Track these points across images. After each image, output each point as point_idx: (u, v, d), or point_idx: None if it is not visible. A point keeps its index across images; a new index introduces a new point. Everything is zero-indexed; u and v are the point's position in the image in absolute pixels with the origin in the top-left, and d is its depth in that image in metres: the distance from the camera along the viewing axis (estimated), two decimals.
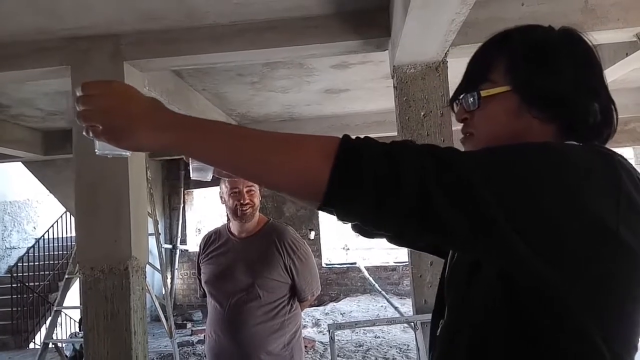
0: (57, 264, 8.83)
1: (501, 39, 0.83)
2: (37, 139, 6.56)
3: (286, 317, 2.16)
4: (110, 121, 0.70)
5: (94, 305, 3.11)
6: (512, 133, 0.77)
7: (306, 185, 0.67)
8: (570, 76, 0.75)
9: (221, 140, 0.71)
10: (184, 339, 7.06)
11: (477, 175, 0.62)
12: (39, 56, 3.26)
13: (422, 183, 0.62)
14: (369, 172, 0.63)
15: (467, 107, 0.82)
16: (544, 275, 0.63)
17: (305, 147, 0.68)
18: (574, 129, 0.75)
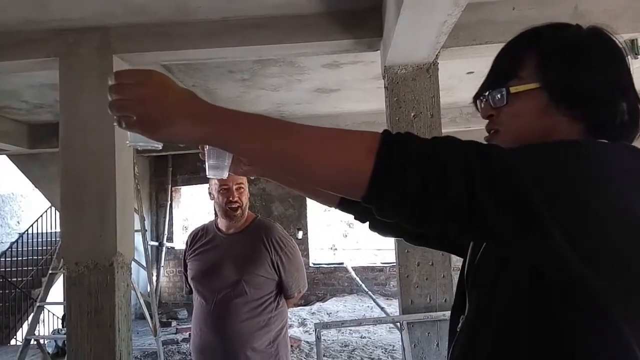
0: (40, 259, 8.71)
1: (531, 36, 0.82)
2: (23, 132, 6.46)
3: (272, 313, 2.16)
4: (147, 111, 0.68)
5: (78, 301, 3.08)
6: (540, 131, 0.76)
7: (349, 181, 0.67)
8: (599, 75, 0.75)
9: (262, 133, 0.70)
10: (168, 337, 7.00)
11: (525, 176, 0.61)
12: (26, 47, 3.22)
13: (469, 183, 0.61)
14: (412, 171, 0.62)
15: (494, 104, 0.81)
16: (585, 276, 0.62)
17: (349, 142, 0.67)
18: (602, 128, 0.75)
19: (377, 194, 0.64)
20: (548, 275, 0.66)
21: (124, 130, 0.72)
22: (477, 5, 3.11)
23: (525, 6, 3.16)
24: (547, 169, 0.63)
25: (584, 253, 0.61)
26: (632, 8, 3.13)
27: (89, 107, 3.14)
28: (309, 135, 0.70)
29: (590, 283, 0.63)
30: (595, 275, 0.62)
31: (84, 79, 3.18)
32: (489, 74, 0.85)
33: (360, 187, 0.64)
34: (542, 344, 0.68)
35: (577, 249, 0.61)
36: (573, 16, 3.17)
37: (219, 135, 0.71)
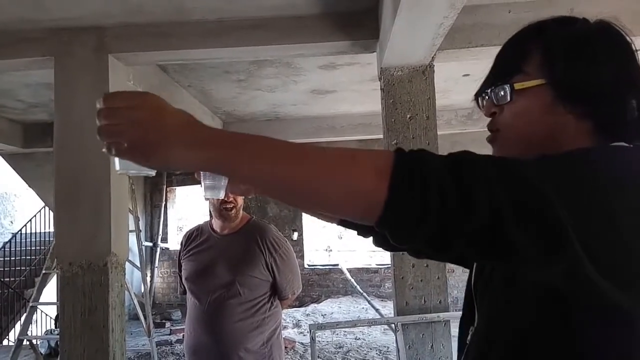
0: (34, 259, 8.66)
1: (536, 30, 0.78)
2: (17, 131, 6.43)
3: (266, 314, 2.15)
4: (141, 136, 0.62)
5: (72, 301, 3.06)
6: (545, 130, 0.73)
7: (359, 207, 0.61)
8: (608, 71, 0.71)
9: (265, 159, 0.64)
10: (162, 338, 6.98)
11: (552, 197, 0.57)
12: (22, 46, 3.21)
13: (494, 206, 0.56)
14: (430, 194, 0.57)
15: (497, 101, 0.77)
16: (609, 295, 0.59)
17: (359, 165, 0.61)
18: (611, 126, 0.71)
19: (392, 220, 0.59)
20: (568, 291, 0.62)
21: (114, 157, 0.66)
22: (473, 8, 3.12)
23: (520, 9, 3.18)
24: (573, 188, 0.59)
25: (612, 277, 0.58)
26: (627, 11, 3.15)
27: (84, 107, 3.13)
28: (316, 160, 0.64)
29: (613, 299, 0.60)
30: (623, 296, 0.59)
31: (79, 79, 3.17)
32: (492, 70, 0.81)
33: (374, 213, 0.59)
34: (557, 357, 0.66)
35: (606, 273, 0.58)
36: None
37: (218, 161, 0.65)
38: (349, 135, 6.99)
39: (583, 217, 0.57)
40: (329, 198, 0.64)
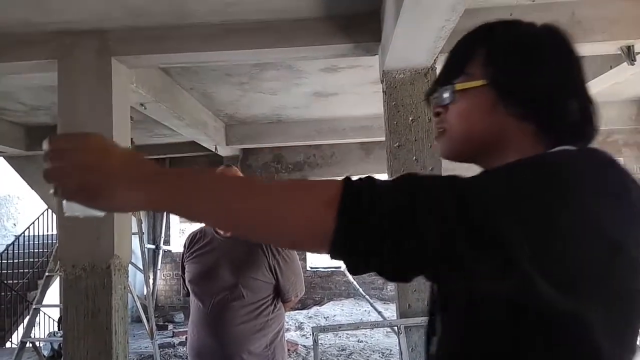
0: (37, 261, 8.68)
1: (482, 32, 0.79)
2: (20, 133, 6.45)
3: (269, 317, 2.16)
4: (86, 179, 0.62)
5: (75, 303, 3.07)
6: (488, 130, 0.74)
7: (311, 239, 0.62)
8: (549, 73, 0.72)
9: (213, 197, 0.64)
10: (165, 341, 6.98)
11: (497, 214, 0.57)
12: (24, 49, 3.22)
13: (441, 229, 0.56)
14: (378, 223, 0.57)
15: (441, 101, 0.78)
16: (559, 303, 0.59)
17: (307, 198, 0.62)
18: (553, 127, 0.72)
19: (341, 250, 0.60)
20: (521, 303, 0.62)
21: (61, 199, 0.64)
22: (474, 11, 3.12)
23: (522, 12, 3.18)
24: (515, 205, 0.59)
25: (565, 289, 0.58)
26: (628, 15, 3.15)
27: (86, 110, 3.14)
28: (265, 195, 0.64)
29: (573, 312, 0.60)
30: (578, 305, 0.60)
31: (82, 82, 3.19)
32: (440, 71, 0.81)
33: (324, 243, 0.59)
34: None
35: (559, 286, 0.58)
36: (570, 22, 3.19)
37: (166, 201, 0.65)
38: (351, 138, 6.99)
39: (530, 233, 0.57)
40: (279, 232, 0.64)
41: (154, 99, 4.21)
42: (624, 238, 0.61)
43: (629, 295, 0.64)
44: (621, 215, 0.61)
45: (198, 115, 5.65)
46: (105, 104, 3.15)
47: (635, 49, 3.29)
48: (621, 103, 6.94)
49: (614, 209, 0.61)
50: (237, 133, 7.05)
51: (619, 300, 0.63)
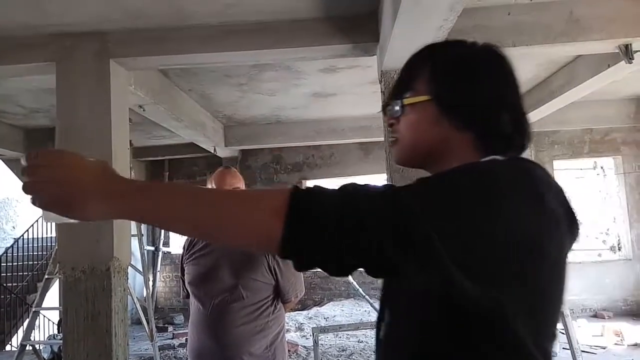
0: (36, 264, 8.65)
1: (426, 52, 0.89)
2: (19, 136, 6.44)
3: (269, 318, 2.15)
4: (59, 193, 0.69)
5: (74, 306, 3.06)
6: (432, 140, 0.83)
7: (261, 242, 0.72)
8: (484, 89, 0.81)
9: (172, 207, 0.72)
10: (165, 343, 6.97)
11: (423, 219, 0.65)
12: (24, 52, 3.22)
13: (373, 232, 0.65)
14: (320, 228, 0.66)
15: (392, 114, 0.88)
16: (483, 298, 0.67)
17: (258, 207, 0.71)
18: (489, 138, 0.81)
19: (288, 253, 0.69)
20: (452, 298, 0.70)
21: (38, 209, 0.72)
22: (472, 10, 3.13)
23: (520, 11, 3.19)
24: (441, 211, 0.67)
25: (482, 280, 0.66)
26: (626, 13, 3.16)
27: (85, 112, 3.14)
28: (220, 204, 0.72)
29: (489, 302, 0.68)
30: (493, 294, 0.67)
31: (81, 84, 3.19)
32: (393, 87, 0.91)
33: (274, 247, 0.68)
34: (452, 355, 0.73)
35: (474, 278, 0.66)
36: (568, 21, 3.19)
37: (131, 211, 0.73)
38: (350, 138, 7.00)
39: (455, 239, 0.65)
40: (233, 237, 0.74)
41: (153, 100, 4.21)
42: (542, 239, 0.69)
43: (547, 290, 0.73)
44: (540, 218, 0.69)
45: (197, 117, 5.65)
46: (103, 106, 3.15)
47: (633, 47, 3.30)
48: (619, 101, 6.95)
49: (533, 213, 0.69)
50: (236, 134, 7.05)
51: (538, 295, 0.72)
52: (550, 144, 7.43)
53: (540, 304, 0.73)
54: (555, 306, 0.76)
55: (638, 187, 7.33)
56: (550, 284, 0.73)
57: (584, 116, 6.88)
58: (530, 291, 0.70)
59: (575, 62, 4.80)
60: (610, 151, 7.44)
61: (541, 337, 0.74)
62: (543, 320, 0.74)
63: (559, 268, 0.74)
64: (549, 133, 7.35)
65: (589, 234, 7.71)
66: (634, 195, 7.32)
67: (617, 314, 6.98)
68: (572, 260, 2.33)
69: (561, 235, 0.73)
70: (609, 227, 7.76)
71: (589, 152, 7.45)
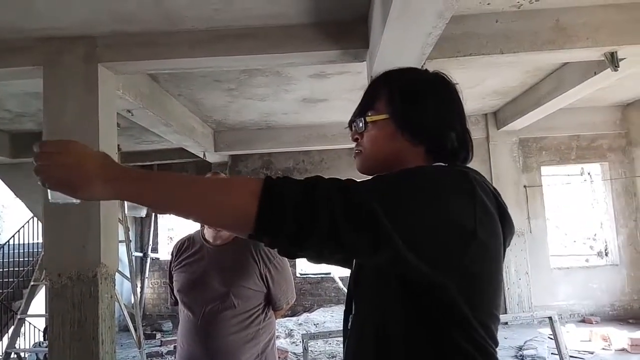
0: (22, 270, 8.53)
1: (386, 76, 1.04)
2: (5, 141, 6.37)
3: (260, 326, 2.13)
4: (66, 176, 0.82)
5: (61, 313, 3.02)
6: (390, 152, 0.97)
7: (239, 219, 0.82)
8: (432, 111, 0.96)
9: (163, 188, 0.85)
10: (153, 350, 6.89)
11: (373, 203, 0.78)
12: (11, 56, 3.19)
13: (331, 214, 0.77)
14: (289, 208, 0.78)
15: (357, 129, 1.02)
16: (428, 275, 0.81)
17: (236, 188, 0.84)
18: (437, 151, 0.96)
19: (262, 230, 0.80)
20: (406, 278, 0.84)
21: (46, 189, 0.85)
22: (461, 17, 3.16)
23: (508, 19, 3.22)
24: (389, 196, 0.81)
25: (425, 258, 0.80)
26: (611, 21, 3.20)
27: (73, 116, 3.11)
28: (202, 187, 0.87)
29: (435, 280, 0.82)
30: (436, 273, 0.81)
31: (68, 88, 3.16)
32: (358, 105, 1.04)
33: (248, 226, 0.79)
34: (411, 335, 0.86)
35: (419, 256, 0.79)
36: (554, 29, 3.23)
37: (128, 193, 0.86)
38: (340, 143, 7.00)
39: (401, 219, 0.79)
40: (215, 215, 0.86)
41: (142, 105, 4.18)
42: (475, 226, 0.82)
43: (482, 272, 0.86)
44: (473, 210, 0.83)
45: (186, 122, 5.62)
46: (91, 111, 3.12)
47: (618, 55, 3.35)
48: (605, 108, 7.04)
49: (467, 205, 0.83)
50: (225, 139, 7.02)
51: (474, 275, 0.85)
52: (537, 150, 7.50)
53: (478, 284, 0.86)
54: (493, 288, 0.89)
55: (624, 193, 7.42)
56: (483, 266, 0.86)
57: (571, 123, 6.97)
58: (465, 270, 0.83)
59: (562, 69, 4.86)
60: (597, 157, 7.52)
61: (483, 315, 0.86)
62: (481, 299, 0.87)
63: (493, 252, 0.87)
64: (536, 139, 7.43)
65: (577, 240, 7.78)
66: (620, 201, 7.41)
67: (604, 319, 7.04)
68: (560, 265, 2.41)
69: (494, 225, 0.87)
70: (596, 232, 7.84)
71: (576, 159, 7.53)
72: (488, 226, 0.85)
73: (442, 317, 0.84)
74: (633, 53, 3.39)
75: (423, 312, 0.85)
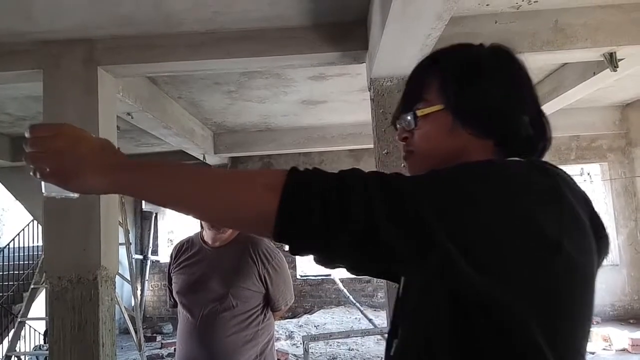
0: (22, 274, 8.53)
1: (433, 59, 0.85)
2: (5, 144, 6.37)
3: (259, 326, 2.13)
4: (58, 163, 0.70)
5: (61, 316, 3.01)
6: (449, 149, 0.78)
7: (255, 220, 0.68)
8: (498, 92, 0.77)
9: (167, 181, 0.71)
10: (153, 352, 6.89)
11: (423, 203, 0.63)
12: (10, 59, 3.18)
13: (369, 214, 0.62)
14: (317, 206, 0.63)
15: (406, 127, 0.84)
16: (491, 292, 0.63)
17: (251, 182, 0.69)
18: (508, 142, 0.77)
19: (284, 231, 0.65)
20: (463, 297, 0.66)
21: (39, 180, 0.73)
22: (460, 18, 3.16)
23: (507, 19, 3.22)
24: (445, 195, 0.64)
25: (490, 273, 0.62)
26: (611, 22, 3.21)
27: (73, 120, 3.11)
28: (213, 180, 0.71)
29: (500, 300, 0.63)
30: (503, 292, 0.62)
31: (68, 91, 3.16)
32: (401, 99, 0.87)
33: (268, 225, 0.65)
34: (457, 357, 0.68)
35: (482, 269, 0.61)
36: (553, 29, 3.24)
37: (127, 185, 0.72)
38: (340, 145, 7.01)
39: (457, 222, 0.62)
40: (225, 214, 0.71)
41: (141, 108, 4.18)
42: (561, 238, 0.63)
43: (565, 294, 0.65)
44: (559, 218, 0.64)
45: (186, 124, 5.63)
46: (91, 114, 3.12)
47: (617, 55, 3.35)
48: (605, 109, 7.05)
49: (551, 210, 0.64)
50: (225, 141, 7.03)
51: (553, 297, 0.65)
52: None
53: (563, 312, 0.66)
54: (579, 314, 0.68)
55: (624, 193, 7.42)
56: (569, 286, 0.65)
57: (570, 123, 6.97)
58: (544, 291, 0.64)
59: (561, 69, 4.87)
60: (596, 158, 7.53)
61: (562, 347, 0.65)
62: (562, 327, 0.66)
63: (582, 272, 0.67)
64: None
65: None
66: (620, 201, 7.41)
67: (605, 319, 7.04)
68: None
69: (585, 239, 0.68)
70: None
71: (576, 159, 7.53)
72: (578, 239, 0.66)
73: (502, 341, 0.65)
74: (632, 53, 3.40)
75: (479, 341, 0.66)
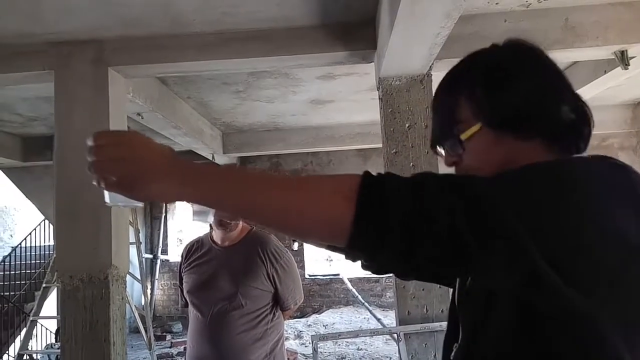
0: (34, 273, 8.62)
1: (454, 76, 0.83)
2: (16, 144, 6.44)
3: (268, 325, 2.15)
4: (123, 172, 0.68)
5: (72, 314, 3.05)
6: (502, 158, 0.76)
7: (329, 230, 0.65)
8: (527, 88, 0.75)
9: (238, 190, 0.69)
10: (163, 351, 6.94)
11: (507, 211, 0.60)
12: (21, 60, 3.22)
13: (451, 221, 0.59)
14: (393, 214, 0.61)
15: (452, 153, 0.82)
16: (574, 302, 0.60)
17: (324, 189, 0.66)
18: (554, 135, 0.75)
19: (360, 241, 0.63)
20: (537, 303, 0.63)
21: (103, 189, 0.72)
22: (469, 17, 3.14)
23: (516, 18, 3.20)
24: (528, 199, 0.61)
25: (575, 282, 0.59)
26: (622, 20, 3.18)
27: (83, 120, 3.14)
28: (285, 189, 0.68)
29: (582, 309, 0.60)
30: (587, 301, 0.60)
31: (78, 92, 3.19)
32: (436, 125, 0.85)
33: (343, 235, 0.63)
34: None
35: (568, 278, 0.59)
36: (564, 28, 3.21)
37: (196, 194, 0.70)
38: (348, 144, 7.01)
39: (540, 228, 0.59)
40: (299, 225, 0.68)
41: (151, 108, 4.21)
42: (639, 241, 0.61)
43: None
44: (637, 220, 0.62)
45: (195, 124, 5.66)
46: (101, 114, 3.15)
47: (628, 53, 3.31)
48: (616, 107, 6.97)
49: (628, 212, 0.62)
50: (234, 141, 7.05)
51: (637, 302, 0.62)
52: None
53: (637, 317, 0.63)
54: None
55: None
56: None
57: None
58: (633, 299, 0.61)
59: (572, 68, 4.83)
60: None
61: None
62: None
63: None
64: None
65: None
66: None
67: None
68: None
69: None
70: None
71: None
72: None
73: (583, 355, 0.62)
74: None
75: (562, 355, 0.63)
